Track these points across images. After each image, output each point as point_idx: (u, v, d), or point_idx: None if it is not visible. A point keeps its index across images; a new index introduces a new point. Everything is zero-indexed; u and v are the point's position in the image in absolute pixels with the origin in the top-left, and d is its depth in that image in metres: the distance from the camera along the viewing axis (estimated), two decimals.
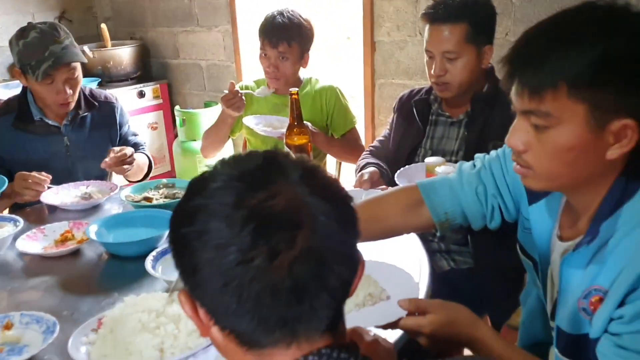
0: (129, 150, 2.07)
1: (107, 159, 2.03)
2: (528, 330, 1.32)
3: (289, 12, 2.29)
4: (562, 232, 1.10)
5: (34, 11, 3.86)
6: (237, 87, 2.25)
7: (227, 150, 3.67)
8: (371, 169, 2.01)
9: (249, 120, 2.28)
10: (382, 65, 3.02)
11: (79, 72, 2.08)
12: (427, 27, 1.88)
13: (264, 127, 2.24)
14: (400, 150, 2.06)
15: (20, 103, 2.13)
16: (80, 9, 4.10)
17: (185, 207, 0.70)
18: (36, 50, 1.96)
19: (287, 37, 2.24)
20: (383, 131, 2.25)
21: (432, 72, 1.87)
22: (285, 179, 0.68)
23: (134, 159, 2.09)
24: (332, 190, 0.72)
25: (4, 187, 1.84)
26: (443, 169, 1.75)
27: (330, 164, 2.64)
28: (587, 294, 0.99)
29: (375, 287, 1.28)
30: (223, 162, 0.73)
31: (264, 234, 0.64)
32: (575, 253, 1.02)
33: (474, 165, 1.33)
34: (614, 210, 0.97)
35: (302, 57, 2.33)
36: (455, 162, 1.90)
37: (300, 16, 2.31)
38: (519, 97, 0.96)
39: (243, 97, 2.23)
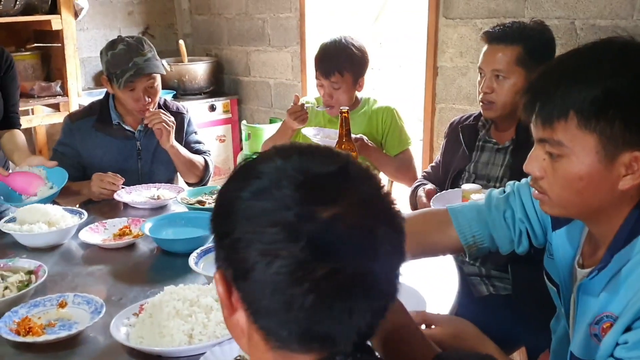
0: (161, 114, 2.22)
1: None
2: (557, 357, 1.31)
3: (342, 41, 2.36)
4: (584, 260, 1.12)
5: (120, 26, 4.15)
6: (301, 101, 2.36)
7: None
8: (429, 186, 2.08)
9: (309, 131, 2.38)
10: (443, 90, 3.05)
11: (158, 83, 2.26)
12: (484, 47, 1.94)
13: (322, 138, 2.34)
14: (446, 174, 2.10)
15: (102, 107, 2.32)
16: (163, 26, 4.37)
17: (237, 197, 0.67)
18: (122, 61, 2.16)
19: (339, 67, 2.34)
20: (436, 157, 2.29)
21: (480, 89, 1.91)
22: (353, 197, 0.66)
23: (171, 125, 2.21)
24: (393, 214, 0.70)
25: (65, 182, 2.01)
26: (479, 196, 1.75)
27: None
28: (598, 320, 1.02)
29: None
30: (285, 154, 0.68)
31: (320, 258, 0.62)
32: (589, 280, 1.05)
33: (504, 191, 1.35)
34: (629, 241, 1.00)
35: (356, 83, 2.41)
36: (498, 188, 1.92)
37: (352, 45, 2.37)
38: (535, 126, 1.02)
39: (307, 111, 2.34)
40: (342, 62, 2.34)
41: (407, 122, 2.58)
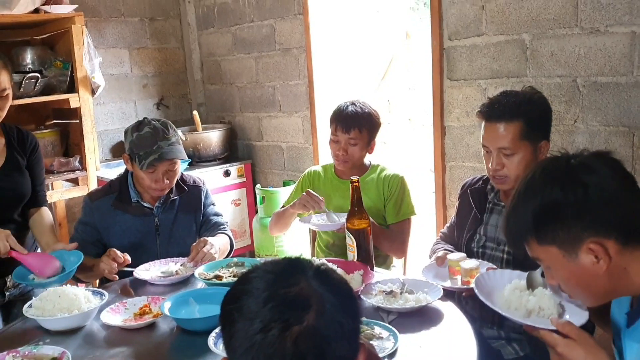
0: (208, 247, 2.20)
1: (189, 258, 2.21)
2: None
3: (360, 103, 2.50)
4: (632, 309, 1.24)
5: (135, 99, 4.28)
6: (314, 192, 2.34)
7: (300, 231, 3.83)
8: (441, 252, 2.02)
9: (307, 220, 2.35)
10: (452, 149, 3.10)
11: (178, 166, 2.31)
12: (482, 123, 1.97)
13: (323, 222, 2.30)
14: (460, 236, 2.12)
15: (121, 185, 2.38)
16: (177, 96, 4.51)
17: (233, 291, 0.94)
18: (146, 143, 2.21)
19: (358, 124, 2.44)
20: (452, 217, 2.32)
21: (490, 166, 1.94)
22: (303, 275, 0.91)
23: (214, 254, 2.21)
24: (338, 285, 0.93)
25: (80, 262, 2.04)
26: (467, 263, 1.80)
27: None
28: None
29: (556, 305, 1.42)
30: (263, 263, 0.97)
31: (281, 311, 0.85)
32: (631, 328, 1.15)
33: None
34: None
35: (369, 144, 2.49)
36: (509, 252, 1.94)
37: (370, 107, 2.52)
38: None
39: (317, 199, 2.29)
40: (362, 119, 2.45)
41: (419, 173, 2.61)
